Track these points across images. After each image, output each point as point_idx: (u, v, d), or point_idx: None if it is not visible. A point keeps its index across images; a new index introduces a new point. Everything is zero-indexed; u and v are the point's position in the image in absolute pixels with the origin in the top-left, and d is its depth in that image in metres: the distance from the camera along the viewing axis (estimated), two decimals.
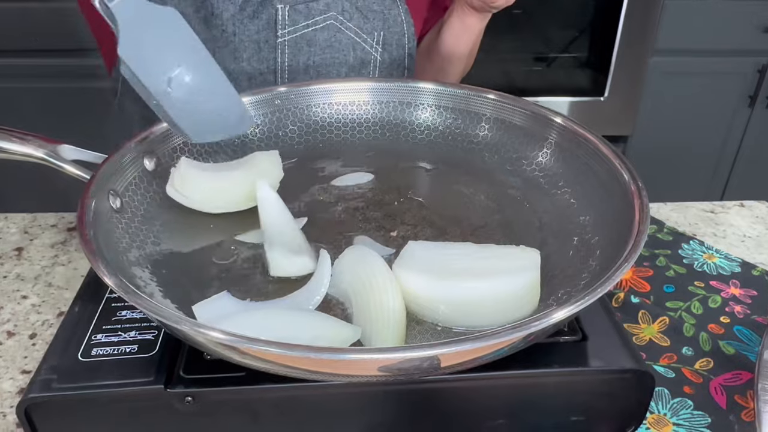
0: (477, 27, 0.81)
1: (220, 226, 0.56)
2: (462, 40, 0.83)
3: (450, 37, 0.83)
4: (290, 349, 0.37)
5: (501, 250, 0.50)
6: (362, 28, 0.77)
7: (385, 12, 0.78)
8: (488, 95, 0.66)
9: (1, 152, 0.53)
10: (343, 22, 0.76)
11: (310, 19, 0.74)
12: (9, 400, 0.52)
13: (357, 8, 0.76)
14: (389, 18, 0.78)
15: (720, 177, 2.07)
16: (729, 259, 0.69)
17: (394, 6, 0.78)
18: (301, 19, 0.74)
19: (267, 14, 0.74)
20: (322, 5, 0.75)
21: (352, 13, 0.76)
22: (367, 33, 0.77)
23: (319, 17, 0.75)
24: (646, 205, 0.49)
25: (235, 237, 0.55)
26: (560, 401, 0.47)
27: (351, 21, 0.76)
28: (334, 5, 0.75)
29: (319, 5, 0.75)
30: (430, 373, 0.41)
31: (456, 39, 0.82)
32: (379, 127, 0.68)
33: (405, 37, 0.80)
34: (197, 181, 0.56)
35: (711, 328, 0.59)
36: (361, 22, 0.77)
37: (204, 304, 0.47)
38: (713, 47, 1.83)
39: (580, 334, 0.48)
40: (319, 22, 0.75)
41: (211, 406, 0.44)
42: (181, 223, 0.55)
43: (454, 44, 0.83)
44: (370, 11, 0.77)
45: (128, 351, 0.46)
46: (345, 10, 0.75)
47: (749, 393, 0.53)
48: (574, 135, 0.60)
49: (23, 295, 0.63)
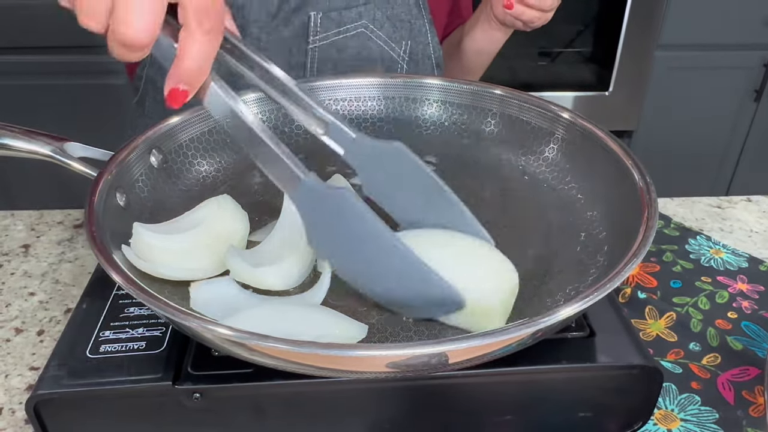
0: (502, 41, 0.81)
1: None
2: (485, 52, 0.83)
3: (472, 49, 0.83)
4: (299, 345, 0.37)
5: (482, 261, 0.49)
6: (391, 38, 0.77)
7: (412, 22, 0.78)
8: (495, 91, 0.65)
9: (9, 149, 0.53)
10: (374, 30, 0.76)
11: (342, 26, 0.75)
12: (17, 396, 0.53)
13: (387, 17, 0.76)
14: (415, 28, 0.78)
15: (725, 171, 2.07)
16: (736, 254, 0.68)
17: (420, 16, 0.79)
18: (332, 26, 0.75)
19: (299, 20, 0.74)
20: (355, 14, 0.75)
21: (382, 22, 0.76)
22: (396, 42, 0.78)
23: (351, 25, 0.75)
24: (655, 201, 0.49)
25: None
26: (568, 397, 0.47)
27: (381, 30, 0.76)
28: (366, 14, 0.75)
29: (352, 13, 0.75)
30: (438, 369, 0.41)
31: (478, 52, 0.83)
32: (385, 123, 0.68)
33: (430, 47, 0.80)
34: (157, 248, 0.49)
35: (718, 323, 0.59)
36: (391, 31, 0.77)
37: (202, 285, 0.47)
38: (718, 41, 1.83)
39: (587, 330, 0.48)
40: (351, 30, 0.75)
41: (218, 402, 0.44)
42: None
43: (475, 56, 0.84)
44: (399, 20, 0.77)
45: (136, 348, 0.46)
46: (376, 19, 0.76)
47: (757, 389, 0.53)
48: (581, 130, 0.60)
49: (30, 292, 0.63)
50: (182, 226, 0.52)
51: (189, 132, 0.61)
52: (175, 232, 0.51)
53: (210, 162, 0.62)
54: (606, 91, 1.89)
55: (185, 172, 0.60)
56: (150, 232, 0.49)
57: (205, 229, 0.51)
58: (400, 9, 0.78)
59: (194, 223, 0.52)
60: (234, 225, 0.52)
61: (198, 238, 0.50)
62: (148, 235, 0.49)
